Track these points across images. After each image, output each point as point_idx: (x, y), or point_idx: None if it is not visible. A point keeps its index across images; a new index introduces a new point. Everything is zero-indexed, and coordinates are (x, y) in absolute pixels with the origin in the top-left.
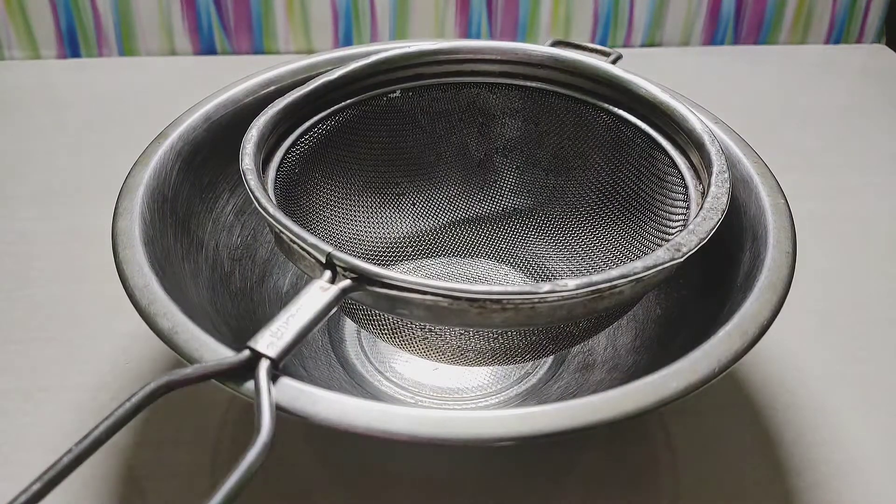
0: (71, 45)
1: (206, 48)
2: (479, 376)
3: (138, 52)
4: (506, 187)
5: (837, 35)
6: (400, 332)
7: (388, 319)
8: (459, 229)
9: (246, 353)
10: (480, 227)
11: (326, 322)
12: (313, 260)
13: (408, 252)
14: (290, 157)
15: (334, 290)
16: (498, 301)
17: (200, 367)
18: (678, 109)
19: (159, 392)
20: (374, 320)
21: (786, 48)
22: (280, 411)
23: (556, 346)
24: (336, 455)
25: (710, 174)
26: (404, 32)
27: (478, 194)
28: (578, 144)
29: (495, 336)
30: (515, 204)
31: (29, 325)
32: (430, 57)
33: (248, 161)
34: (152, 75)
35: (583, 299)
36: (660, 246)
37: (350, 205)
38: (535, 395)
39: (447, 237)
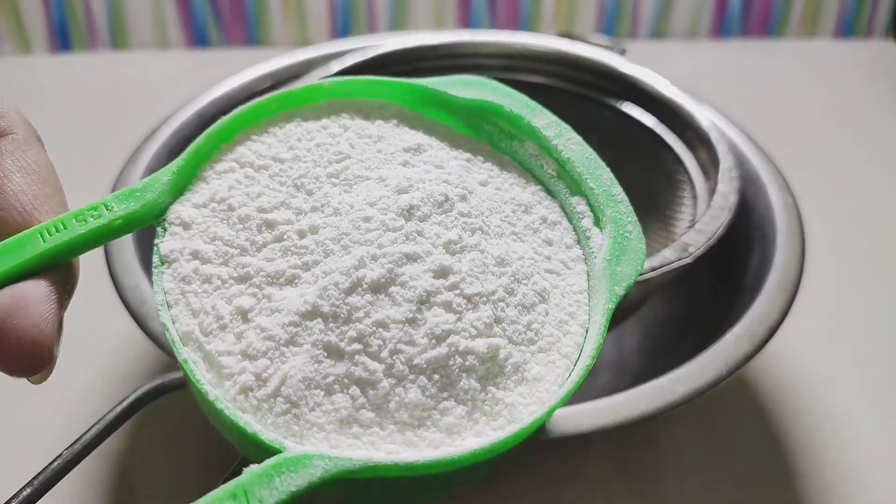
0: (62, 39)
1: (200, 40)
2: None
3: (130, 44)
4: None
5: (847, 29)
6: None
7: None
8: None
9: None
10: None
11: None
12: None
13: None
14: None
15: None
16: None
17: None
18: (685, 105)
19: (151, 396)
20: None
21: (794, 43)
22: None
23: None
24: None
25: (717, 171)
26: (403, 22)
27: None
28: None
29: None
30: None
31: None
32: (429, 52)
33: None
34: (144, 69)
35: None
36: (666, 246)
37: None
38: None
39: None
